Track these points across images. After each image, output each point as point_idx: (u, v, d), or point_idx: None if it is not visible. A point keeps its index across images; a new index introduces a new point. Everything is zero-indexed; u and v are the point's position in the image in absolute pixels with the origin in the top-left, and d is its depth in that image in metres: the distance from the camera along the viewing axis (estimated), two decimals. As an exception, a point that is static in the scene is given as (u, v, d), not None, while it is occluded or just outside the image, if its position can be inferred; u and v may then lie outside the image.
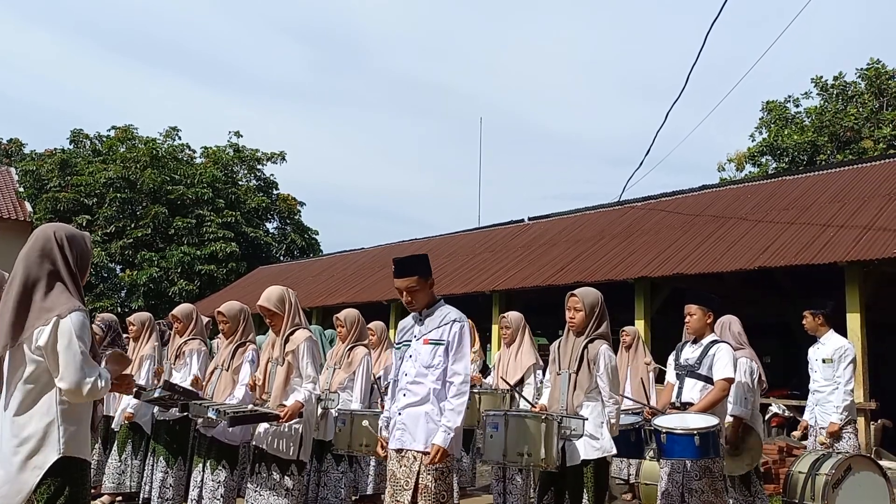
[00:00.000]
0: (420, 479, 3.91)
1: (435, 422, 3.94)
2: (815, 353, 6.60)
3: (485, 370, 8.27)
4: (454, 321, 4.06)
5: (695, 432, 4.54)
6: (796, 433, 7.34)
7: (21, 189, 28.22)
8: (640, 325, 12.38)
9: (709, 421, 4.67)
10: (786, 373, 14.65)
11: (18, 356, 2.94)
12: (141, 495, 6.46)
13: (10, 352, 2.96)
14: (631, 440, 4.71)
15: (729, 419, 5.45)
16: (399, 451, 4.03)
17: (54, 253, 3.03)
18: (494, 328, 14.80)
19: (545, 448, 4.19)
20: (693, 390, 5.05)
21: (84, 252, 3.14)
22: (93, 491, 7.03)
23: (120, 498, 6.92)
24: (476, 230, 20.34)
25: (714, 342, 5.15)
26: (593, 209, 17.47)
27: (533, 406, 4.82)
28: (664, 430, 4.58)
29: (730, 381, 4.99)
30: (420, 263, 4.23)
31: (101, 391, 2.95)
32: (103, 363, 3.12)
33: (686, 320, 5.21)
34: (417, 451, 3.94)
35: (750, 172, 29.14)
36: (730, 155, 31.12)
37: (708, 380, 5.01)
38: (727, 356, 5.01)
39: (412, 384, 4.06)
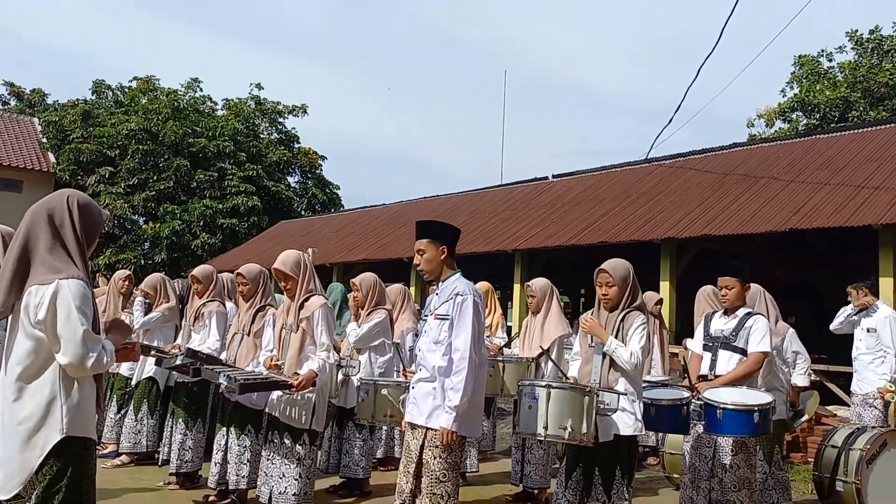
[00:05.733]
0: (423, 454, 3.87)
1: (440, 399, 3.87)
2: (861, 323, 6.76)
3: (509, 334, 8.10)
4: (457, 294, 3.92)
5: (755, 408, 4.38)
6: None
7: (44, 140, 28.25)
8: (665, 286, 12.16)
9: (765, 398, 4.53)
10: (813, 336, 14.40)
11: (18, 326, 2.80)
12: (160, 456, 6.44)
13: (11, 320, 2.84)
14: (682, 415, 4.51)
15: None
16: (411, 423, 4.02)
17: (63, 216, 2.88)
18: (516, 287, 14.65)
19: (586, 422, 4.03)
20: (729, 363, 4.88)
21: (94, 224, 2.98)
22: (110, 448, 7.08)
23: (137, 456, 6.92)
24: (498, 187, 20.05)
25: (749, 314, 4.97)
26: (619, 167, 17.08)
27: (565, 376, 4.64)
28: (721, 406, 4.39)
29: (765, 354, 4.84)
30: (436, 227, 4.10)
31: (105, 365, 2.81)
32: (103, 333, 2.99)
33: (722, 293, 5.00)
34: (422, 426, 3.92)
35: (780, 129, 28.47)
36: (759, 110, 30.46)
37: (745, 353, 4.85)
38: (764, 329, 4.85)
39: (423, 360, 4.02)
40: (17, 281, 2.80)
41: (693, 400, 4.64)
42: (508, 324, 11.97)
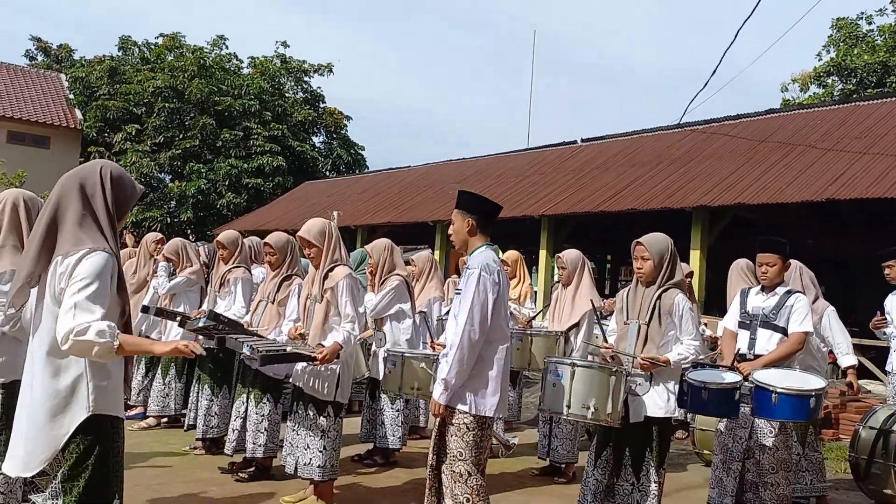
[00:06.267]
0: (444, 429, 3.80)
1: None
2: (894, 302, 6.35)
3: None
4: (467, 268, 3.83)
5: (812, 393, 4.22)
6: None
7: (71, 96, 28.28)
8: (696, 255, 11.96)
9: (819, 382, 4.37)
10: (846, 308, 14.14)
11: (44, 298, 2.73)
12: (186, 421, 6.44)
13: (38, 291, 2.76)
14: (734, 399, 4.33)
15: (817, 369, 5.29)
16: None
17: (95, 187, 2.79)
18: (542, 253, 14.51)
19: (612, 403, 3.93)
20: (770, 342, 4.72)
21: (126, 198, 2.88)
22: (137, 409, 7.12)
23: (165, 419, 6.96)
24: (525, 151, 19.77)
25: (790, 292, 4.79)
26: (651, 132, 16.72)
27: (605, 339, 4.50)
28: (777, 390, 4.22)
29: (807, 334, 4.68)
30: (466, 199, 3.98)
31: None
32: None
33: (762, 270, 4.82)
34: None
35: (815, 94, 27.78)
36: (794, 75, 29.67)
37: (786, 332, 4.69)
38: (806, 308, 4.68)
39: (446, 333, 3.96)
40: (45, 250, 2.73)
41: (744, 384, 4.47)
42: (534, 288, 11.83)
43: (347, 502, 5.02)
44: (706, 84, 16.44)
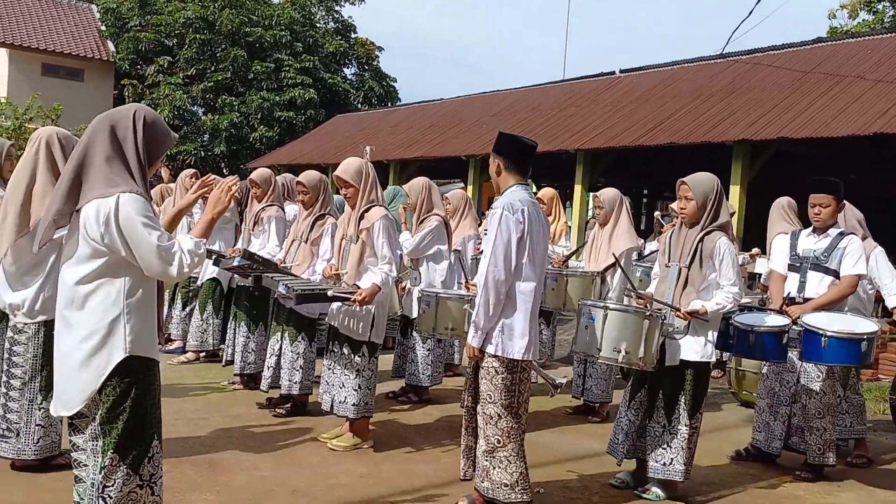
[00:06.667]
0: (477, 371, 3.79)
1: None
2: None
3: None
4: (492, 208, 3.74)
5: (864, 337, 4.13)
6: None
7: (103, 28, 28.12)
8: (735, 190, 11.68)
9: (871, 325, 4.28)
10: (888, 246, 13.79)
11: (77, 237, 2.71)
12: (224, 357, 6.54)
13: (69, 233, 2.75)
14: (782, 342, 4.27)
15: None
16: None
17: (126, 130, 2.76)
18: (577, 188, 14.30)
19: (644, 346, 3.88)
20: (821, 285, 4.61)
21: (158, 144, 2.85)
22: (176, 344, 7.24)
23: (203, 354, 7.07)
24: (561, 82, 19.31)
25: (842, 234, 4.64)
26: (692, 62, 16.15)
27: (635, 290, 4.42)
28: (827, 334, 4.13)
29: (860, 276, 4.55)
30: (497, 139, 3.86)
31: (191, 266, 2.74)
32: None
33: (815, 212, 4.66)
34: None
35: (864, 21, 26.60)
36: (843, 0, 28.38)
37: (837, 275, 4.56)
38: (860, 250, 4.55)
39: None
40: (74, 190, 2.73)
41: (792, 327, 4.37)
42: (568, 225, 11.69)
43: (382, 439, 5.07)
44: (751, 12, 15.77)
